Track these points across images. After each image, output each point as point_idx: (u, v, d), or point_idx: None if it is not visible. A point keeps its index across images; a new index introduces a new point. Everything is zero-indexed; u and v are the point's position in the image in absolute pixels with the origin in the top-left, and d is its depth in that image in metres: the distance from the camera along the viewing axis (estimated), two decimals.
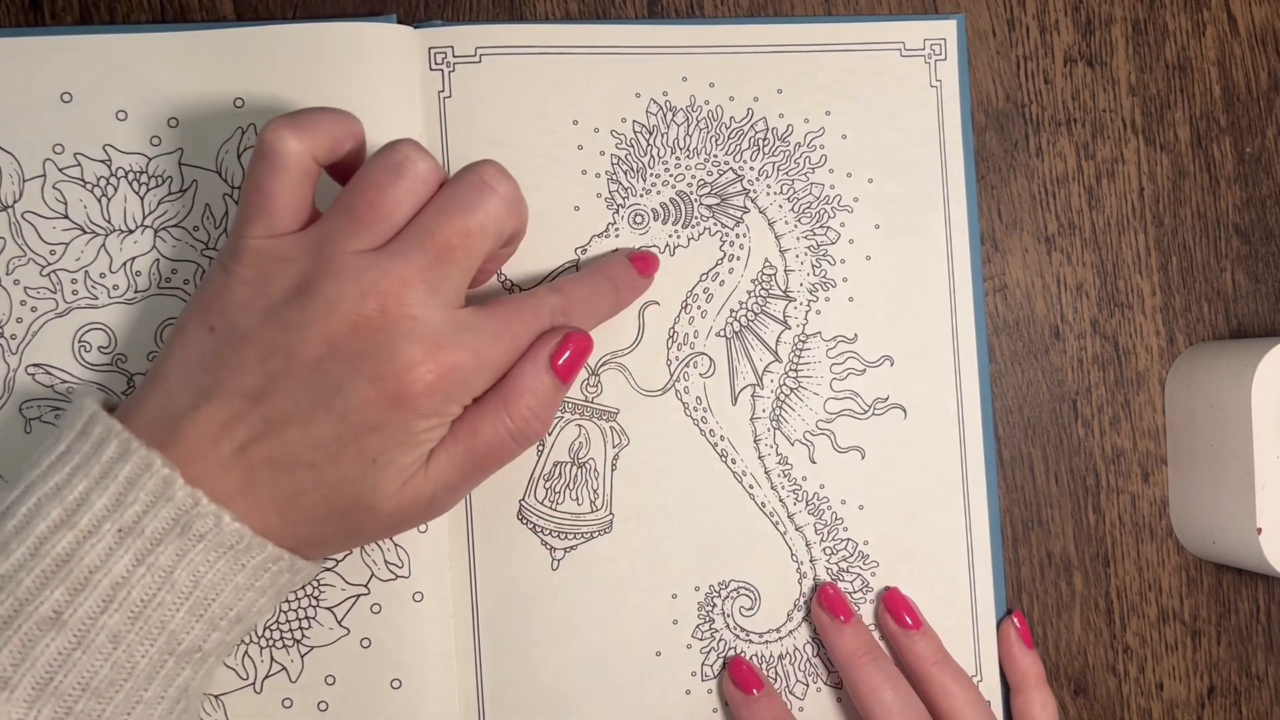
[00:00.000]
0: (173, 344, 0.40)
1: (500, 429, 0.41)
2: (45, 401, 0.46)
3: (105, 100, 0.46)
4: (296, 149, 0.39)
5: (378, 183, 0.39)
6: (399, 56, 0.47)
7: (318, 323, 0.38)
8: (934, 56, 0.51)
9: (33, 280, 0.46)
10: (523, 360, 0.42)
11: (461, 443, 0.41)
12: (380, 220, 0.39)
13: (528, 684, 0.49)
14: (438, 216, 0.39)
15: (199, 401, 0.38)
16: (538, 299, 0.43)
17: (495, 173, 0.41)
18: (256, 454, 0.38)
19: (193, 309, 0.40)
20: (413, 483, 0.40)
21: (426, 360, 0.38)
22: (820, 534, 0.50)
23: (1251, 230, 0.53)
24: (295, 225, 0.40)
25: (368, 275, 0.38)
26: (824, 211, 0.50)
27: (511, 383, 0.41)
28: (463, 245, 0.39)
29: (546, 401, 0.42)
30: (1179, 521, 0.53)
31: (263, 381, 0.38)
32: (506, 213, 0.41)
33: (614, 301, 0.47)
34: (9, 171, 0.46)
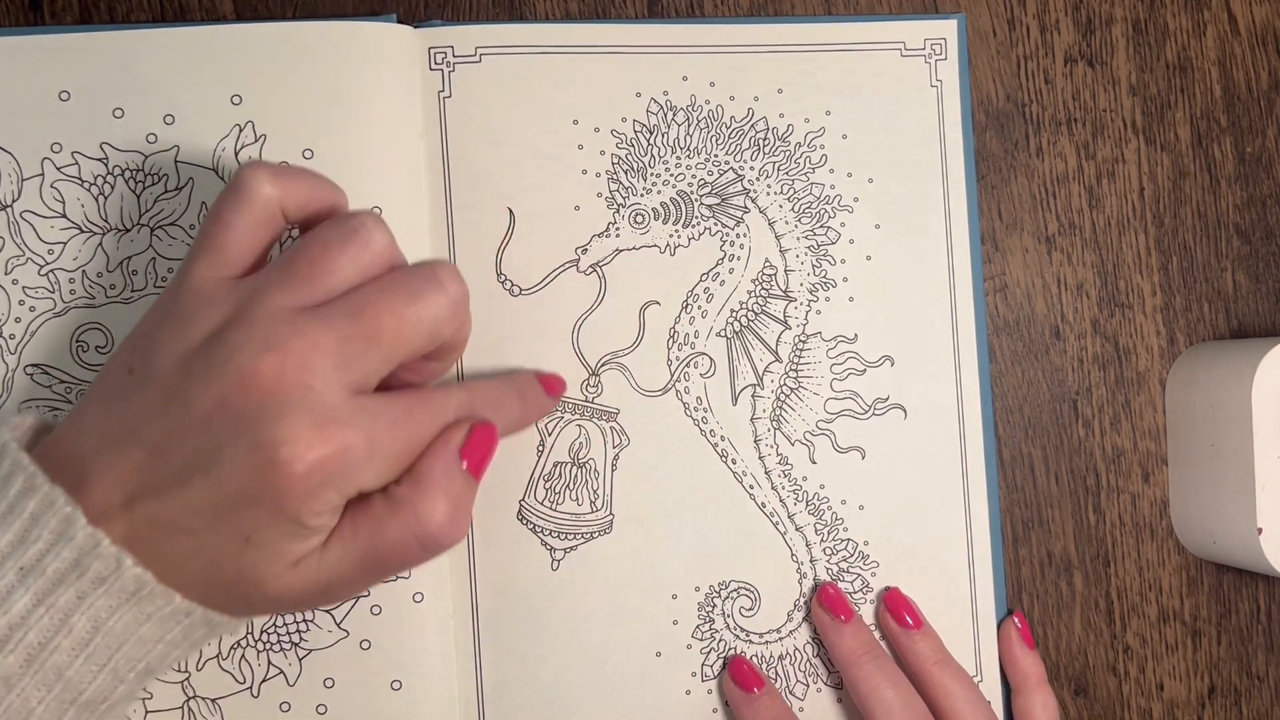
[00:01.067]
0: (97, 381, 0.38)
1: (409, 535, 0.38)
2: (44, 401, 0.46)
3: (102, 98, 0.46)
4: (268, 193, 0.38)
5: (324, 242, 0.38)
6: (399, 56, 0.47)
7: (215, 374, 0.35)
8: (934, 56, 0.51)
9: (31, 280, 0.46)
10: (432, 456, 0.39)
11: (362, 540, 0.38)
12: (316, 279, 0.37)
13: (528, 684, 0.48)
14: (377, 294, 0.37)
15: (104, 445, 0.36)
16: (445, 392, 0.40)
17: (449, 273, 0.39)
18: (140, 511, 0.35)
19: (122, 347, 0.38)
20: (303, 567, 0.37)
21: (310, 435, 0.35)
22: (820, 534, 0.50)
23: (1251, 230, 0.53)
24: (240, 270, 0.38)
25: (279, 330, 0.36)
26: (824, 211, 0.50)
27: (424, 483, 0.38)
28: (392, 329, 0.37)
29: (463, 506, 0.39)
30: (1179, 521, 0.53)
31: (162, 433, 0.36)
32: (449, 314, 0.38)
33: (519, 414, 0.44)
34: (7, 171, 0.46)
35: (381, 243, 0.38)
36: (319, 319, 0.36)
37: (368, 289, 0.37)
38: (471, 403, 0.41)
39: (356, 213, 0.39)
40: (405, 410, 0.38)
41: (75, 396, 0.46)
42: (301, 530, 0.36)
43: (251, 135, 0.46)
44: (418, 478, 0.38)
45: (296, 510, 0.36)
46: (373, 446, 0.36)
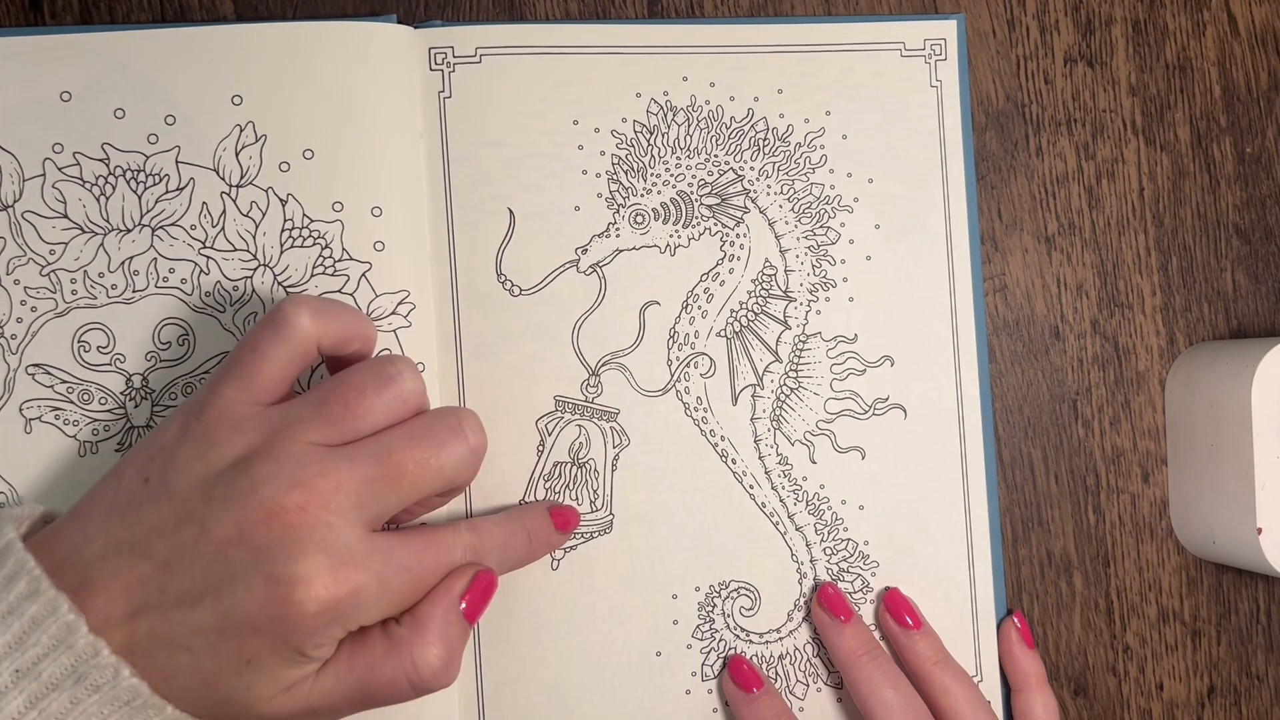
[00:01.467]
0: (107, 482, 0.39)
1: (402, 676, 0.39)
2: (45, 401, 0.46)
3: (103, 99, 0.46)
4: (308, 329, 0.39)
5: (360, 386, 0.39)
6: (399, 57, 0.47)
7: (237, 502, 0.36)
8: (934, 56, 0.51)
9: (32, 280, 0.46)
10: (433, 601, 0.40)
11: (356, 673, 0.39)
12: (348, 422, 0.38)
13: (528, 684, 0.48)
14: (403, 440, 0.39)
15: (110, 553, 0.37)
16: (454, 534, 0.41)
17: (472, 423, 0.40)
18: (142, 624, 0.36)
19: (137, 452, 0.39)
20: (294, 692, 0.38)
21: (326, 575, 0.36)
22: (820, 534, 0.50)
23: (1251, 230, 0.53)
24: (270, 399, 0.39)
25: (307, 468, 0.37)
26: (824, 211, 0.50)
27: (422, 628, 0.40)
28: (415, 474, 0.39)
29: (456, 650, 0.40)
30: (1179, 521, 0.53)
31: (172, 550, 0.37)
32: (469, 463, 0.40)
33: (526, 552, 0.45)
34: (9, 171, 0.46)
35: (413, 390, 0.40)
36: (346, 459, 0.38)
37: (396, 434, 0.39)
38: (479, 546, 0.42)
39: (392, 359, 0.40)
40: (416, 554, 0.40)
41: (77, 396, 0.46)
42: (301, 660, 0.38)
43: (252, 135, 0.46)
44: (417, 621, 0.40)
45: (301, 643, 0.37)
46: (382, 588, 0.38)
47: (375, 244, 0.47)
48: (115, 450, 0.46)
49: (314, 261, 0.47)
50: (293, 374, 0.40)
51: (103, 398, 0.46)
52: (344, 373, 0.40)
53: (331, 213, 0.46)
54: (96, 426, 0.46)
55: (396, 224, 0.47)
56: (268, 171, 0.46)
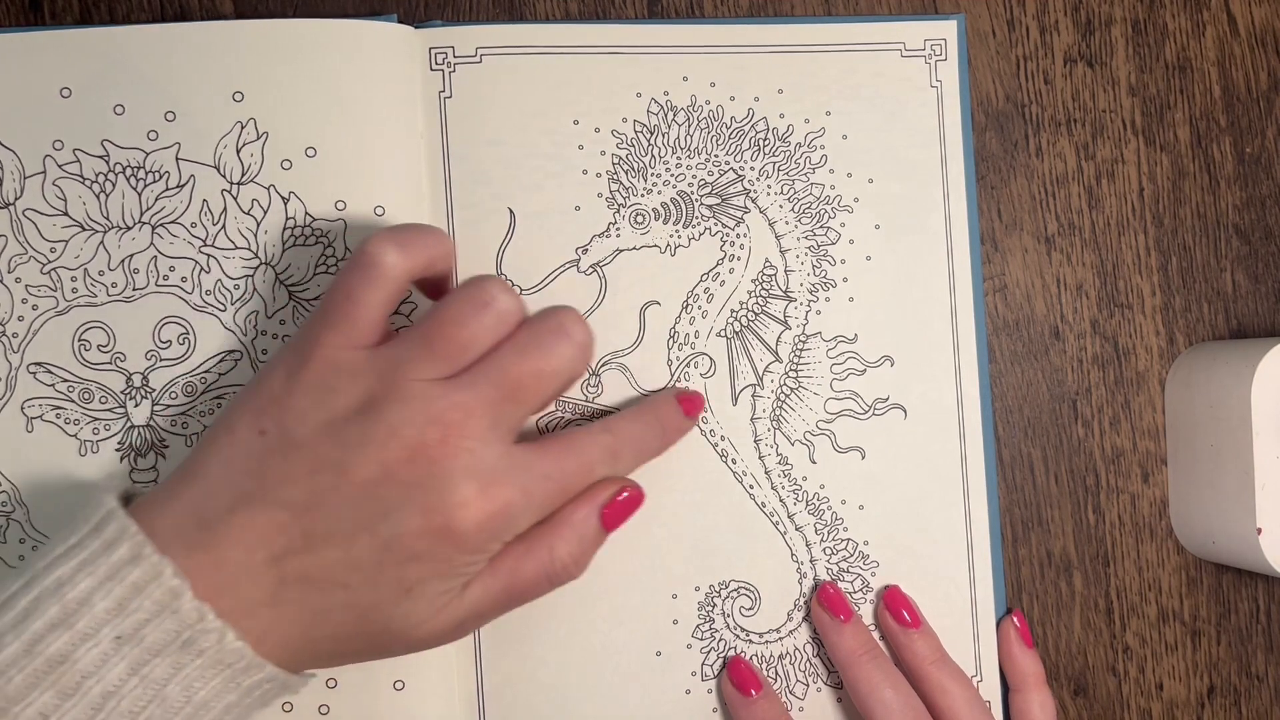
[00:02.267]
0: (218, 439, 0.39)
1: (541, 570, 0.41)
2: (46, 400, 0.46)
3: (103, 95, 0.46)
4: (398, 265, 0.40)
5: (459, 318, 0.39)
6: (399, 56, 0.47)
7: (376, 445, 0.37)
8: (934, 57, 0.51)
9: (33, 278, 0.46)
10: (573, 505, 0.42)
11: (501, 579, 0.41)
12: (456, 354, 0.39)
13: (528, 684, 0.48)
14: (514, 355, 0.40)
15: (238, 505, 0.37)
16: (590, 438, 0.42)
17: (574, 320, 0.41)
18: (291, 568, 0.37)
19: (244, 407, 0.39)
20: (446, 611, 0.40)
21: (478, 497, 0.38)
22: (820, 534, 0.50)
23: (1251, 230, 0.53)
24: (371, 341, 0.40)
25: (436, 404, 0.38)
26: (824, 212, 0.50)
27: (559, 523, 0.42)
28: (534, 386, 0.40)
29: (590, 548, 0.42)
30: (1179, 521, 0.53)
31: (309, 495, 0.37)
32: (579, 359, 0.41)
33: (660, 443, 0.46)
34: (10, 168, 0.46)
35: (509, 308, 0.40)
36: (468, 388, 0.39)
37: (505, 352, 0.40)
38: (616, 448, 0.43)
39: (482, 282, 0.40)
40: (556, 461, 0.41)
41: (78, 395, 0.46)
42: (460, 578, 0.40)
43: (253, 133, 0.46)
44: (559, 518, 0.42)
45: (462, 563, 0.39)
46: (529, 499, 0.40)
47: None
48: (115, 450, 0.46)
49: (316, 260, 0.47)
50: (389, 312, 0.40)
51: (103, 396, 0.46)
52: (440, 305, 0.40)
53: (334, 211, 0.47)
54: (97, 425, 0.46)
55: (399, 223, 0.47)
56: (269, 169, 0.46)
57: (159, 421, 0.46)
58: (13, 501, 0.46)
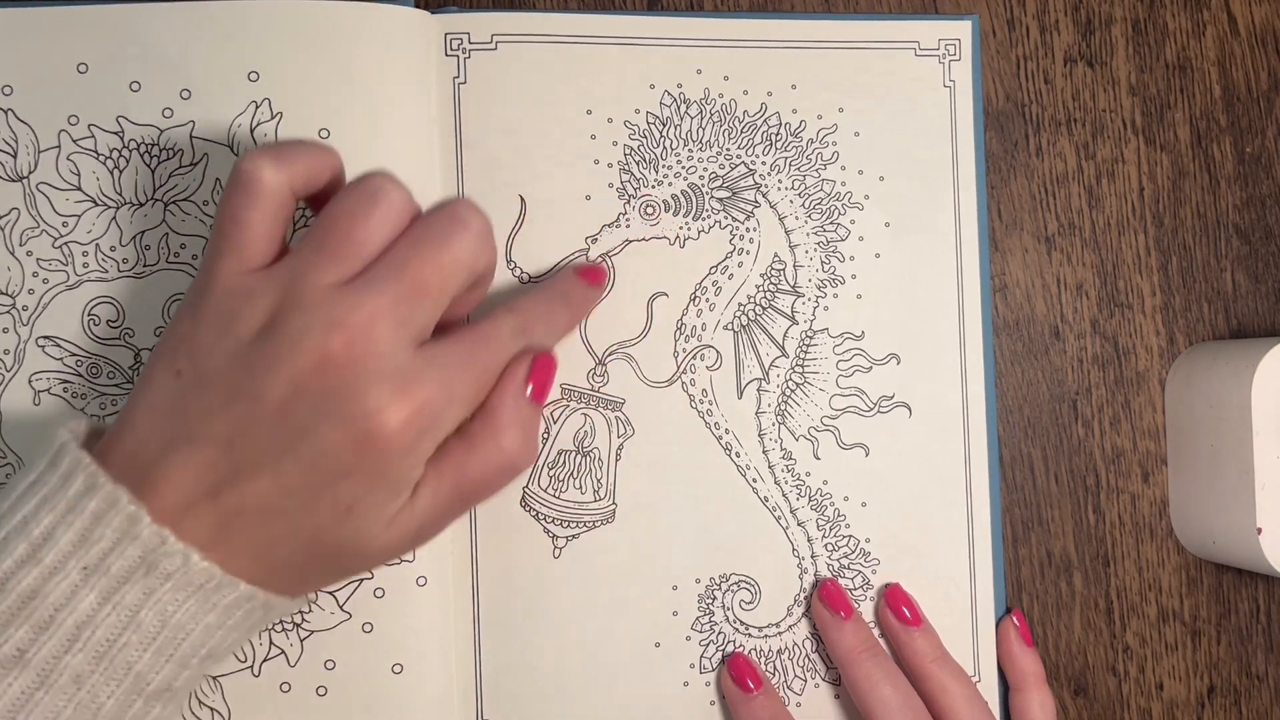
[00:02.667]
0: (139, 387, 0.38)
1: (490, 464, 0.40)
2: (55, 374, 0.46)
3: (120, 71, 0.46)
4: (274, 179, 0.38)
5: (350, 213, 0.38)
6: (416, 41, 0.48)
7: (282, 362, 0.36)
8: (948, 57, 0.52)
9: (45, 252, 0.46)
10: (500, 391, 0.41)
11: (448, 479, 0.40)
12: (353, 252, 0.38)
13: (526, 671, 0.48)
14: (412, 248, 0.38)
15: (167, 449, 0.36)
16: (496, 322, 0.42)
17: (468, 209, 0.40)
18: (228, 503, 0.36)
19: (160, 351, 0.39)
20: (398, 521, 0.39)
21: (395, 399, 0.37)
22: (822, 530, 0.50)
23: (1251, 230, 0.54)
24: (267, 260, 0.39)
25: (336, 309, 0.37)
26: (834, 208, 0.51)
27: (495, 416, 0.41)
28: (436, 279, 0.38)
29: (532, 431, 0.42)
30: (1179, 521, 0.53)
31: (229, 427, 0.36)
32: (479, 248, 0.40)
33: (569, 316, 0.46)
34: (25, 142, 0.46)
35: (402, 199, 0.39)
36: (369, 288, 0.37)
37: (401, 246, 0.39)
38: (523, 324, 0.42)
39: (371, 176, 0.39)
40: (468, 352, 0.40)
41: (86, 370, 0.46)
42: (400, 488, 0.38)
43: (268, 112, 0.46)
44: (489, 413, 0.41)
45: (395, 471, 0.38)
46: (449, 394, 0.38)
47: None
48: None
49: None
50: (278, 229, 0.39)
51: (111, 372, 0.46)
52: (330, 206, 0.39)
53: None
54: (104, 400, 0.46)
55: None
56: None
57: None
58: None
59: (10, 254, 0.46)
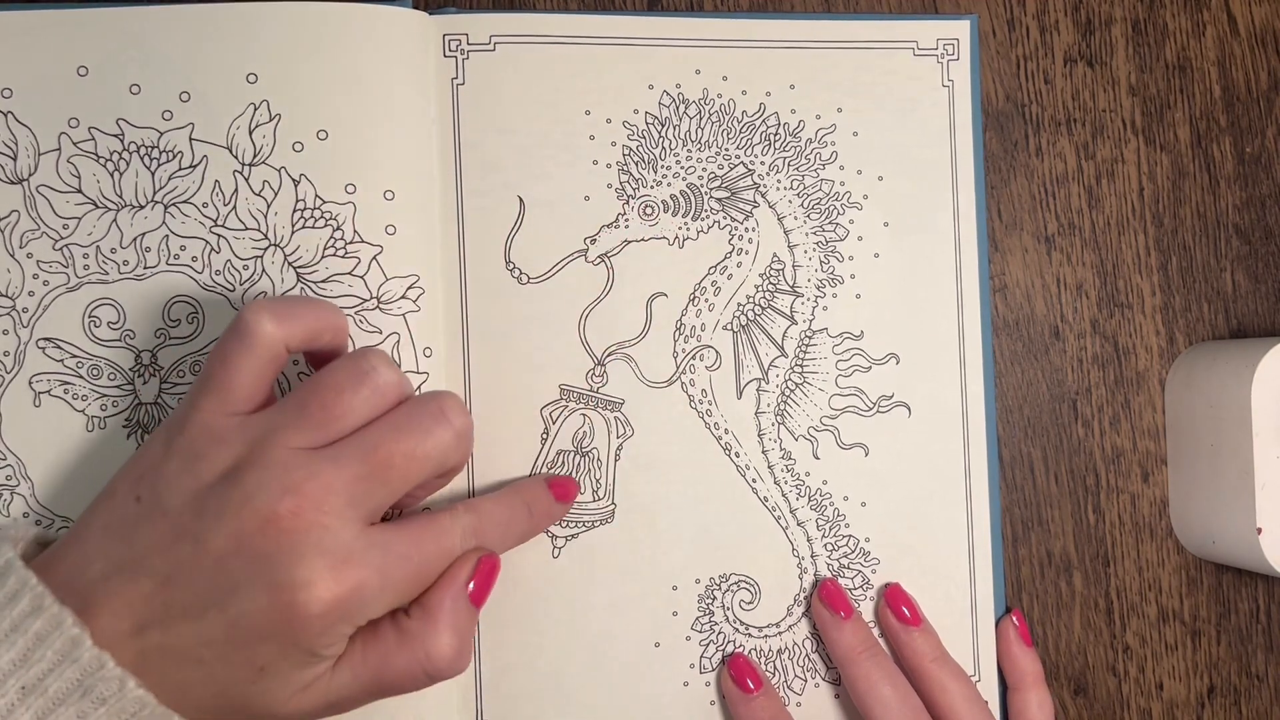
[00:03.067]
0: (99, 503, 0.39)
1: (417, 666, 0.40)
2: (55, 376, 0.46)
3: (120, 74, 0.46)
4: (272, 334, 0.39)
5: (337, 386, 0.39)
6: (414, 42, 0.48)
7: (230, 514, 0.37)
8: (947, 56, 0.52)
9: (45, 254, 0.46)
10: (441, 590, 0.41)
11: (371, 665, 0.40)
12: (330, 423, 0.39)
13: (526, 672, 0.48)
14: (387, 433, 0.39)
15: (110, 572, 0.37)
16: (452, 518, 0.42)
17: (455, 407, 0.40)
18: (151, 640, 0.37)
19: (126, 472, 0.39)
20: (311, 690, 0.39)
21: (328, 576, 0.37)
22: (822, 530, 0.50)
23: (1251, 230, 0.54)
24: (248, 407, 0.40)
25: (295, 474, 0.37)
26: (833, 208, 0.51)
27: (433, 618, 0.40)
28: (403, 466, 0.39)
29: (466, 636, 0.41)
30: (1179, 521, 0.53)
31: (171, 566, 0.37)
32: (455, 447, 0.40)
33: (528, 527, 0.46)
34: (25, 145, 0.46)
35: (389, 381, 0.40)
36: (332, 460, 0.38)
37: (379, 427, 0.39)
38: (479, 527, 0.43)
39: (365, 354, 0.40)
40: (415, 542, 0.40)
41: (86, 371, 0.46)
42: (314, 660, 0.38)
43: (267, 114, 0.46)
44: (427, 611, 0.40)
45: (311, 644, 0.37)
46: (384, 581, 0.38)
47: (387, 227, 0.47)
48: (123, 426, 0.46)
49: (325, 243, 0.47)
50: (266, 379, 0.40)
51: (111, 373, 0.46)
52: (320, 373, 0.40)
53: (344, 194, 0.47)
54: (105, 402, 0.46)
55: (409, 208, 0.47)
56: (281, 151, 0.47)
57: (167, 400, 0.46)
58: (18, 475, 0.46)
59: (10, 256, 0.46)
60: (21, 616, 0.36)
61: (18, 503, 0.46)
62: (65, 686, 0.35)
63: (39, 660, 0.35)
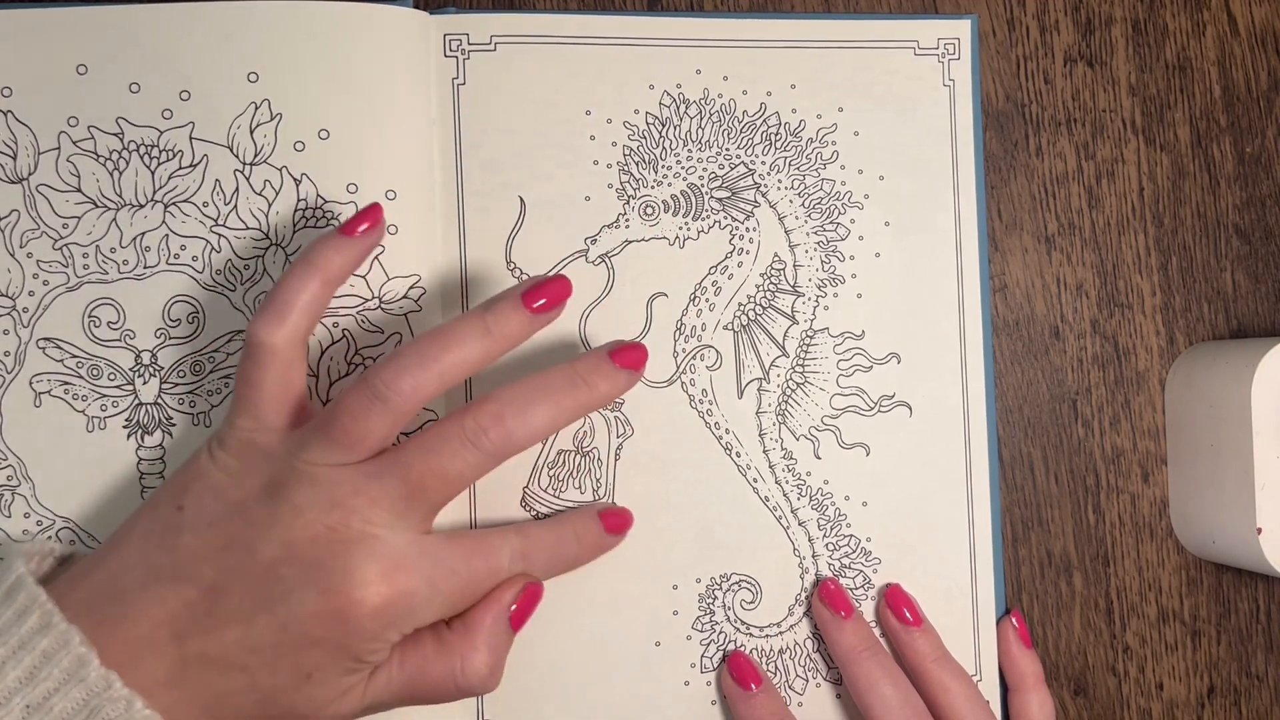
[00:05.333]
0: (141, 514, 0.40)
1: (450, 678, 0.41)
2: (55, 376, 0.46)
3: (119, 73, 0.46)
4: (276, 336, 0.40)
5: (351, 410, 0.39)
6: (414, 41, 0.48)
7: (282, 525, 0.38)
8: (947, 56, 0.52)
9: (45, 254, 0.46)
10: (484, 610, 0.42)
11: (407, 673, 0.41)
12: (354, 445, 0.39)
13: (526, 671, 0.48)
14: (419, 454, 0.40)
15: (149, 581, 0.38)
16: (502, 539, 0.42)
17: (483, 429, 0.40)
18: (192, 648, 0.37)
19: (169, 485, 0.40)
20: (350, 695, 0.40)
21: (380, 581, 0.38)
22: (823, 529, 0.50)
23: (1251, 230, 0.54)
24: (283, 417, 0.41)
25: (340, 489, 0.39)
26: (834, 207, 0.51)
27: (473, 633, 0.41)
28: (437, 486, 0.40)
29: (501, 657, 0.42)
30: (1179, 521, 0.53)
31: (217, 573, 0.38)
32: (487, 465, 0.41)
33: (575, 557, 0.46)
34: (25, 144, 0.46)
35: (402, 402, 0.40)
36: (374, 477, 0.39)
37: (411, 448, 0.40)
38: (526, 551, 0.43)
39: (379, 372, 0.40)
40: (464, 558, 0.41)
41: (87, 371, 0.46)
42: (360, 666, 0.39)
43: (268, 113, 0.46)
44: (468, 627, 0.42)
45: (360, 649, 0.39)
46: (433, 591, 0.40)
47: (389, 227, 0.47)
48: (123, 426, 0.46)
49: None
50: (293, 386, 0.41)
51: (112, 373, 0.46)
52: (339, 397, 0.40)
53: (346, 194, 0.47)
54: (105, 402, 0.46)
55: (410, 208, 0.47)
56: (282, 150, 0.46)
57: (167, 400, 0.46)
58: (19, 476, 0.46)
59: (10, 255, 0.46)
60: (30, 633, 0.36)
61: (19, 503, 0.46)
62: (71, 706, 0.35)
63: (45, 679, 0.35)
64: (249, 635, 0.37)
